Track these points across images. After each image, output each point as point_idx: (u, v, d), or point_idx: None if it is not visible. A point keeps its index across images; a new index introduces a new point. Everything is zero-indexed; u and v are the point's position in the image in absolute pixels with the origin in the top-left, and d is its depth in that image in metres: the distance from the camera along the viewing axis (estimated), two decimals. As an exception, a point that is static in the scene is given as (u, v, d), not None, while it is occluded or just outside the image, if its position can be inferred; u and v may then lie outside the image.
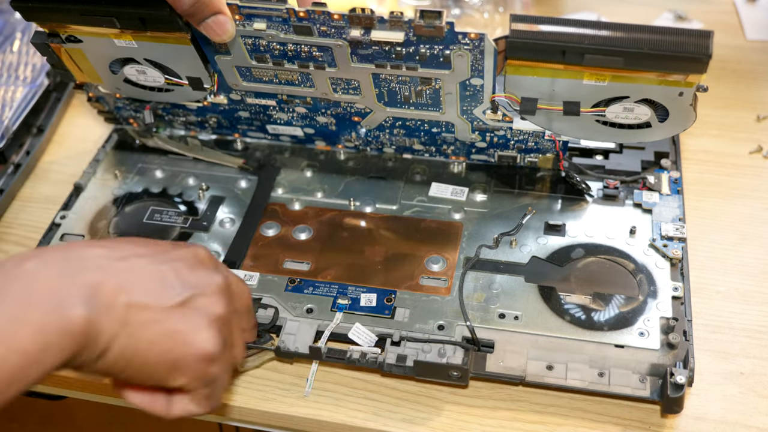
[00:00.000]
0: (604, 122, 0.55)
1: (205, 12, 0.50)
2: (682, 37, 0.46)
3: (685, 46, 0.46)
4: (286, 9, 0.51)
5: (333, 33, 0.51)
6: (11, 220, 0.66)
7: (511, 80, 0.52)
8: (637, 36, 0.46)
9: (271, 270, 0.58)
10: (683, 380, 0.49)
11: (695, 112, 0.53)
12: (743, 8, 0.86)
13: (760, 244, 0.62)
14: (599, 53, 0.46)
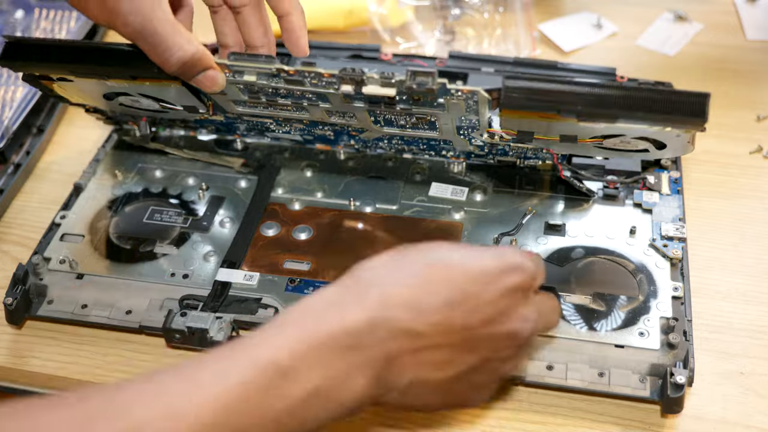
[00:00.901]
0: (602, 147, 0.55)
1: (194, 71, 0.49)
2: (679, 98, 0.45)
3: (681, 110, 0.45)
4: (276, 69, 0.50)
5: (324, 84, 0.51)
6: (11, 220, 0.66)
7: (506, 121, 0.52)
8: (632, 96, 0.45)
9: (271, 270, 0.58)
10: (683, 380, 0.49)
11: (693, 145, 0.53)
12: (743, 8, 0.86)
13: (760, 244, 0.62)
14: (594, 114, 0.46)
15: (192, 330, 0.54)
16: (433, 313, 0.40)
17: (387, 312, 0.39)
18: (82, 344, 0.57)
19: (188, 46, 0.48)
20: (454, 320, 0.40)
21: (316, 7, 0.82)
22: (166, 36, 0.47)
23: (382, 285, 0.40)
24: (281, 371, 0.37)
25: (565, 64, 0.74)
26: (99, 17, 0.47)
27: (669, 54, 0.81)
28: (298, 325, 0.38)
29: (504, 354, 0.42)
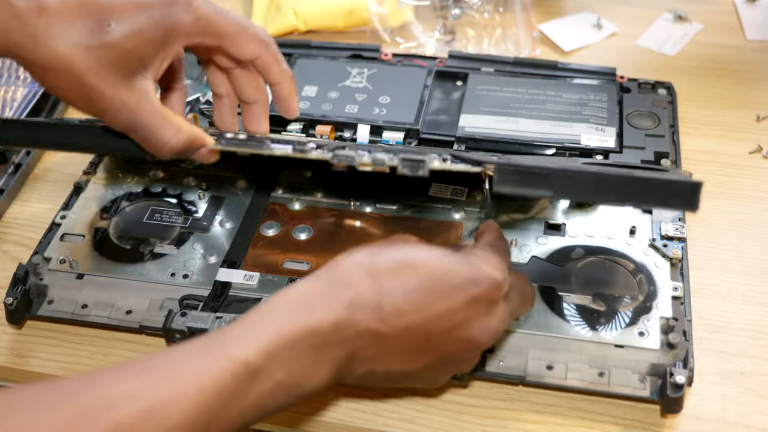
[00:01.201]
0: None
1: (187, 154, 0.50)
2: (672, 186, 0.44)
3: (673, 198, 0.45)
4: (267, 154, 0.50)
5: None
6: (11, 220, 0.66)
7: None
8: (627, 183, 0.45)
9: (271, 270, 0.58)
10: (683, 380, 0.49)
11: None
12: (743, 8, 0.86)
13: (760, 244, 0.62)
14: (588, 199, 0.46)
15: (192, 330, 0.54)
16: (398, 317, 0.43)
17: (354, 314, 0.42)
18: (82, 344, 0.57)
19: (180, 135, 0.48)
20: (418, 325, 0.43)
21: (316, 7, 0.82)
22: (156, 128, 0.48)
23: (352, 285, 0.43)
24: (252, 370, 0.39)
25: (565, 64, 0.74)
26: (86, 111, 0.47)
27: (669, 54, 0.81)
28: (270, 322, 0.41)
29: (461, 356, 0.46)
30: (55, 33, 0.44)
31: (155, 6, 0.46)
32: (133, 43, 0.45)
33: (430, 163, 0.47)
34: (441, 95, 0.73)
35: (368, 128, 0.68)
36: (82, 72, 0.45)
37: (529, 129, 0.67)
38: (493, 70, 0.74)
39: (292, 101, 0.54)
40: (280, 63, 0.52)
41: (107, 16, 0.45)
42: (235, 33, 0.49)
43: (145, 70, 0.47)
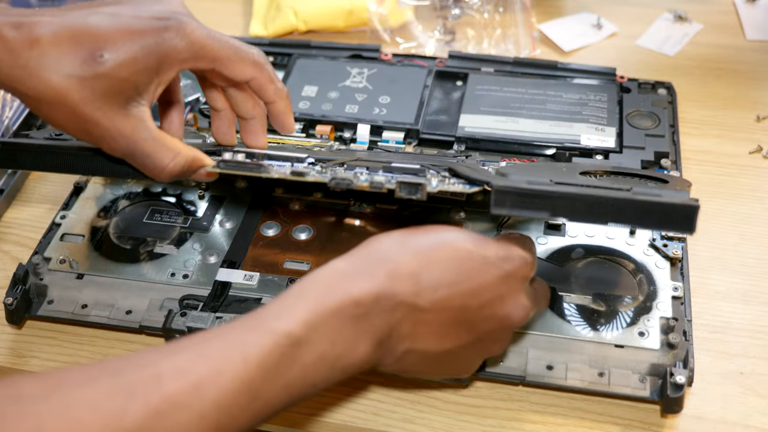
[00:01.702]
0: None
1: (186, 176, 0.50)
2: (670, 209, 0.45)
3: (670, 221, 0.45)
4: (265, 177, 0.50)
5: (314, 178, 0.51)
6: (11, 220, 0.66)
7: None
8: (623, 206, 0.45)
9: (271, 270, 0.58)
10: (683, 380, 0.49)
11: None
12: (743, 8, 0.86)
13: (760, 244, 0.62)
14: (585, 219, 0.46)
15: (192, 330, 0.54)
16: (434, 291, 0.43)
17: (393, 285, 0.43)
18: (82, 344, 0.57)
19: (178, 159, 0.49)
20: (454, 300, 0.44)
21: (316, 7, 0.82)
22: (154, 154, 0.48)
23: (390, 260, 0.43)
24: (296, 341, 0.40)
25: (565, 64, 0.74)
26: (83, 139, 0.47)
27: (669, 54, 0.81)
28: (311, 295, 0.42)
29: (495, 336, 0.47)
30: (47, 65, 0.44)
31: (148, 32, 0.46)
32: (126, 73, 0.45)
33: (428, 186, 0.47)
34: (441, 95, 0.73)
35: (368, 128, 0.68)
36: (76, 103, 0.44)
37: (529, 129, 0.67)
38: (493, 70, 0.74)
39: (288, 119, 0.54)
40: (275, 82, 0.52)
41: (100, 46, 0.44)
42: (228, 57, 0.49)
43: (141, 98, 0.47)
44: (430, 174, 0.51)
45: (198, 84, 0.74)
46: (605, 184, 0.49)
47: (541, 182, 0.47)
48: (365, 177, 0.49)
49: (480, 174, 0.51)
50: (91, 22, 0.45)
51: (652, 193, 0.46)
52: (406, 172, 0.51)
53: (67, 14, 0.45)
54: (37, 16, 0.45)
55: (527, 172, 0.52)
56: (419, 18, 0.85)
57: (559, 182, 0.48)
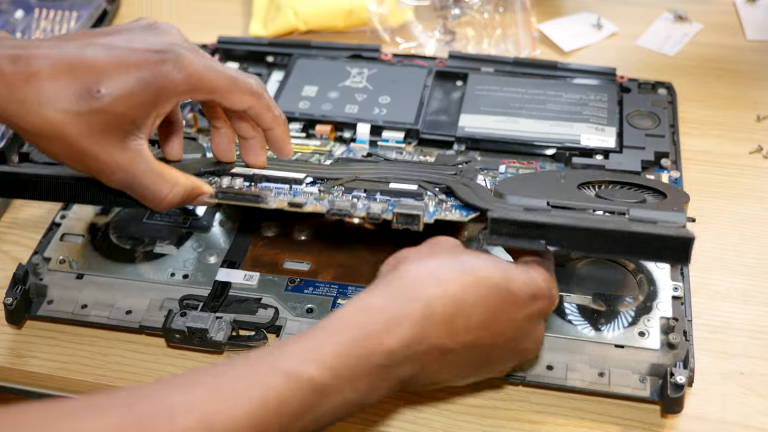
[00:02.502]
0: None
1: (184, 205, 0.50)
2: (664, 241, 0.45)
3: (665, 252, 0.46)
4: (263, 207, 0.51)
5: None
6: (11, 220, 0.66)
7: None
8: (618, 238, 0.45)
9: (271, 270, 0.58)
10: (683, 380, 0.49)
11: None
12: (743, 8, 0.86)
13: (760, 244, 0.62)
14: (580, 250, 0.47)
15: (192, 330, 0.54)
16: (466, 333, 0.44)
17: (425, 329, 0.43)
18: (82, 344, 0.57)
19: (176, 190, 0.49)
20: (483, 340, 0.45)
21: (316, 7, 0.82)
22: (153, 186, 0.48)
23: (425, 301, 0.43)
24: (319, 388, 0.40)
25: (565, 64, 0.74)
26: (82, 171, 0.47)
27: (669, 54, 0.81)
28: (340, 339, 0.41)
29: (507, 363, 0.48)
30: (44, 100, 0.44)
31: (145, 66, 0.45)
32: (124, 107, 0.45)
33: (425, 217, 0.49)
34: (441, 95, 0.73)
35: (368, 127, 0.68)
36: (74, 137, 0.44)
37: (529, 129, 0.67)
38: (493, 70, 0.74)
39: (285, 145, 0.54)
40: (272, 110, 0.51)
41: (97, 81, 0.44)
42: (226, 88, 0.48)
43: (138, 131, 0.47)
44: (428, 196, 0.52)
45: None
46: (602, 204, 0.50)
47: (538, 206, 0.49)
48: (362, 205, 0.50)
49: (477, 194, 0.51)
50: (88, 55, 0.45)
51: (648, 217, 0.47)
52: (403, 194, 0.51)
53: (63, 46, 0.45)
54: (33, 48, 0.44)
55: (524, 188, 0.52)
56: (419, 18, 0.85)
57: (556, 205, 0.49)
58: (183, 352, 0.56)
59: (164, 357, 0.56)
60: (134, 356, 0.56)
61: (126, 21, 0.88)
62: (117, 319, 0.56)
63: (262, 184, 0.53)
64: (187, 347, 0.56)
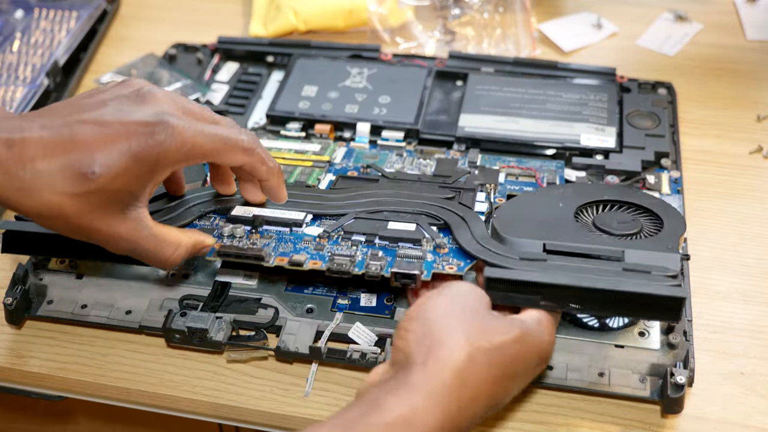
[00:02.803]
0: None
1: (190, 257, 0.52)
2: (656, 300, 0.47)
3: (657, 311, 0.48)
4: (264, 266, 0.53)
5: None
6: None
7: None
8: (611, 298, 0.47)
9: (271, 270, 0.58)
10: (683, 380, 0.49)
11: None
12: (743, 8, 0.86)
13: (760, 244, 0.62)
14: (575, 309, 0.48)
15: (192, 330, 0.54)
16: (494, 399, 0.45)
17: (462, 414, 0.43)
18: (82, 344, 0.57)
19: (179, 251, 0.50)
20: (505, 396, 0.46)
21: (316, 7, 0.82)
22: (155, 251, 0.50)
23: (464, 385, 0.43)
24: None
25: (565, 64, 0.74)
26: (86, 241, 0.49)
27: (669, 54, 0.81)
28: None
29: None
30: (41, 185, 0.45)
31: (136, 140, 0.46)
32: (120, 184, 0.46)
33: (423, 276, 0.50)
34: (441, 95, 0.73)
35: (368, 126, 0.68)
36: (74, 216, 0.46)
37: (529, 129, 0.67)
38: (493, 70, 0.74)
39: (280, 192, 0.54)
40: (266, 163, 0.52)
41: (91, 161, 0.45)
42: (219, 150, 0.49)
43: (137, 200, 0.48)
44: (426, 239, 0.53)
45: (198, 84, 0.74)
46: (598, 245, 0.51)
47: (534, 252, 0.50)
48: (361, 256, 0.51)
49: (474, 232, 0.53)
50: (79, 137, 0.45)
51: (642, 265, 0.49)
52: (402, 239, 0.53)
53: (55, 127, 0.46)
54: (27, 130, 0.45)
55: (521, 222, 0.54)
56: (419, 18, 0.85)
57: (553, 249, 0.51)
58: (183, 352, 0.56)
59: (164, 357, 0.56)
60: (134, 356, 0.56)
61: (126, 21, 0.88)
62: (117, 319, 0.56)
63: (262, 229, 0.55)
64: (187, 347, 0.56)
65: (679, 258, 0.50)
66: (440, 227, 0.55)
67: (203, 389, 0.54)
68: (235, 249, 0.53)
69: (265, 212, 0.55)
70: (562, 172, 0.64)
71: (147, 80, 0.73)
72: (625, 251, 0.50)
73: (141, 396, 0.55)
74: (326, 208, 0.56)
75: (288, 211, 0.55)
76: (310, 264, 0.52)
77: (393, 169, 0.64)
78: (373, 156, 0.66)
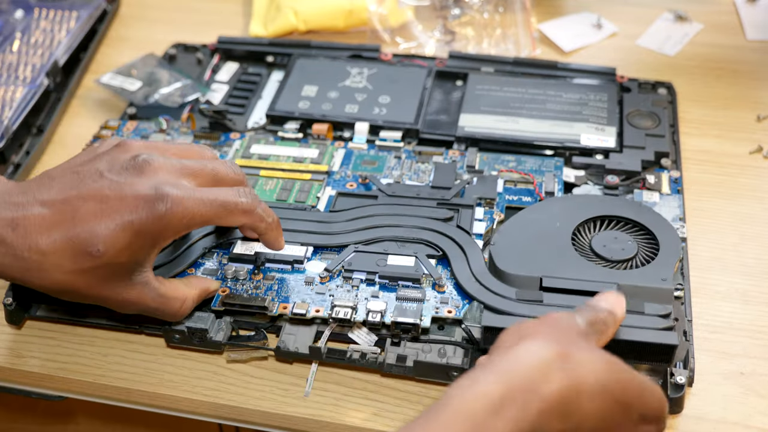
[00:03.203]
0: None
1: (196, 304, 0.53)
2: (649, 348, 0.48)
3: (650, 358, 0.49)
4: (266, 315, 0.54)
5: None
6: (11, 220, 0.66)
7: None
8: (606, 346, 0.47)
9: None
10: (683, 380, 0.49)
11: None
12: (743, 8, 0.86)
13: (760, 244, 0.62)
14: None
15: (192, 330, 0.54)
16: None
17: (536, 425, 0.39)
18: (81, 344, 0.57)
19: (186, 304, 0.52)
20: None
21: (316, 7, 0.82)
22: (163, 308, 0.51)
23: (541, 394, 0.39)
24: None
25: (565, 64, 0.74)
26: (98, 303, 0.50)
27: (669, 54, 0.81)
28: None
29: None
30: (48, 266, 0.47)
31: (137, 214, 0.46)
32: (124, 257, 0.47)
33: (423, 322, 0.51)
34: (441, 95, 0.73)
35: (367, 126, 0.68)
36: (82, 289, 0.48)
37: (529, 129, 0.67)
38: (493, 70, 0.74)
39: (278, 243, 0.55)
40: (264, 220, 0.52)
41: (94, 239, 0.46)
42: (218, 215, 0.49)
43: (141, 267, 0.49)
44: (425, 275, 0.54)
45: (198, 84, 0.74)
46: (593, 279, 0.52)
47: (530, 292, 0.51)
48: (362, 309, 0.52)
49: (472, 263, 0.54)
50: (81, 214, 0.46)
51: (635, 308, 0.50)
52: (401, 277, 0.54)
53: (56, 203, 0.47)
54: (29, 206, 0.47)
55: (518, 251, 0.54)
56: (419, 18, 0.85)
57: (549, 287, 0.52)
58: (183, 352, 0.56)
59: (164, 357, 0.56)
60: (134, 356, 0.56)
61: (126, 21, 0.88)
62: (117, 319, 0.56)
63: (265, 268, 0.56)
64: (187, 347, 0.56)
65: (673, 292, 0.51)
66: (439, 258, 0.56)
67: (203, 389, 0.54)
68: (239, 300, 0.53)
69: (266, 249, 0.56)
70: (561, 174, 0.63)
71: (147, 80, 0.73)
72: (618, 286, 0.51)
73: (141, 396, 0.55)
74: (326, 238, 0.57)
75: (288, 246, 0.56)
76: (313, 311, 0.53)
77: (391, 178, 0.64)
78: (372, 162, 0.65)
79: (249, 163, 0.64)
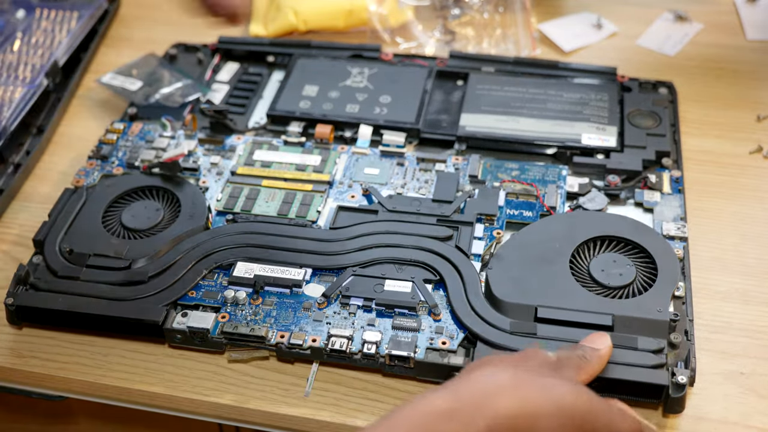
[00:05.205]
0: None
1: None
2: (641, 387, 0.49)
3: (642, 394, 0.50)
4: (268, 347, 0.54)
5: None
6: (11, 220, 0.66)
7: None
8: (601, 385, 0.48)
9: (272, 270, 0.58)
10: (685, 380, 0.49)
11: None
12: (743, 8, 0.86)
13: (760, 244, 0.62)
14: None
15: (192, 330, 0.54)
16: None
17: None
18: (82, 344, 0.57)
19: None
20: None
21: (316, 7, 0.82)
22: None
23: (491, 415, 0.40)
24: None
25: (565, 63, 0.74)
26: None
27: (669, 54, 0.81)
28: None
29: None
30: None
31: None
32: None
33: (416, 356, 0.51)
34: (442, 95, 0.73)
35: (371, 130, 0.68)
36: None
37: (529, 128, 0.67)
38: (493, 69, 0.74)
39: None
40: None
41: None
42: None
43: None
44: (421, 301, 0.54)
45: (198, 84, 0.74)
46: (588, 311, 0.52)
47: (524, 323, 0.52)
48: (358, 342, 0.52)
49: (469, 288, 0.54)
50: None
51: (629, 343, 0.50)
52: (397, 305, 0.54)
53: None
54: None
55: (515, 277, 0.54)
56: (419, 18, 0.85)
57: (544, 318, 0.52)
58: (183, 352, 0.56)
59: (164, 357, 0.56)
60: (134, 356, 0.56)
61: (126, 21, 0.88)
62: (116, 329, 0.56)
63: (264, 292, 0.56)
64: (187, 347, 0.56)
65: (667, 326, 0.51)
66: (436, 282, 0.56)
67: (203, 389, 0.54)
68: (238, 332, 0.53)
69: (265, 272, 0.56)
70: (564, 183, 0.63)
71: (147, 80, 0.73)
72: (614, 318, 0.51)
73: (141, 396, 0.54)
74: (325, 259, 0.57)
75: (287, 268, 0.56)
76: (309, 341, 0.53)
77: (393, 190, 0.63)
78: (374, 171, 0.65)
79: (251, 172, 0.64)
